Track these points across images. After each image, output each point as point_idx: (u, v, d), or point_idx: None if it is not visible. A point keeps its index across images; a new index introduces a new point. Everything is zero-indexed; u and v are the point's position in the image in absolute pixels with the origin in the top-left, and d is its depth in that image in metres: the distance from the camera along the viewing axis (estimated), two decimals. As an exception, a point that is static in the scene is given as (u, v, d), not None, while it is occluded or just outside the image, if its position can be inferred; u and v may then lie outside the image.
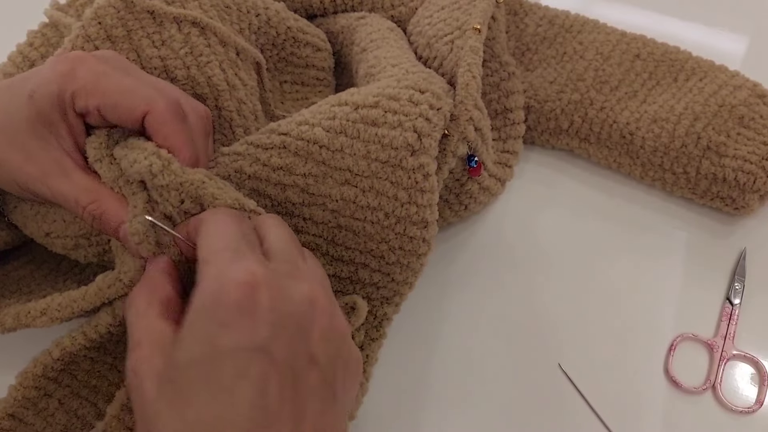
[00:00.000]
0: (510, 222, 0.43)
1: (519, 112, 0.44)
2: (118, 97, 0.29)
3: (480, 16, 0.40)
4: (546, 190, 0.45)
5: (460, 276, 0.40)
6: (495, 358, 0.37)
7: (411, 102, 0.33)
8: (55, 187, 0.30)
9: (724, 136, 0.41)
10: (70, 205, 0.30)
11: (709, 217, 0.43)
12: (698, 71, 0.44)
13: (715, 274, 0.41)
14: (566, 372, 0.36)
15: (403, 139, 0.32)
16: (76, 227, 0.33)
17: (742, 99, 0.42)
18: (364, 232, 0.34)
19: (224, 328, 0.23)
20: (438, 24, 0.42)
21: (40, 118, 0.29)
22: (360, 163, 0.33)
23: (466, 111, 0.36)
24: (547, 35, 0.47)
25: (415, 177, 0.33)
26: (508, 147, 0.44)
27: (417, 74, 0.36)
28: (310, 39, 0.44)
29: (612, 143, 0.43)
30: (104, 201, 0.30)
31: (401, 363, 0.37)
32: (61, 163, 0.30)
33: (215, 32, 0.36)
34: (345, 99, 0.34)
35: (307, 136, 0.33)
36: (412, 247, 0.34)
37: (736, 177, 0.40)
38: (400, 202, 0.33)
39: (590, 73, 0.44)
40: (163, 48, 0.35)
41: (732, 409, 0.35)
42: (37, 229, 0.34)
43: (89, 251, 0.34)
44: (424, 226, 0.34)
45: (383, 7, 0.46)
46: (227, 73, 0.36)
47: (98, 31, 0.34)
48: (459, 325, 0.38)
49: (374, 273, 0.35)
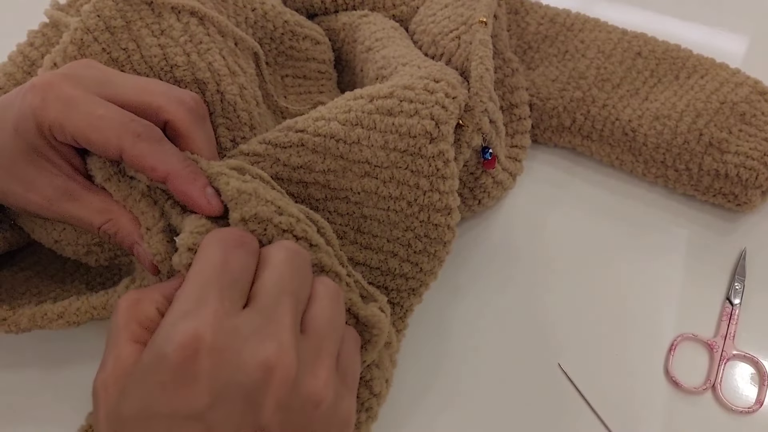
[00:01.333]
0: (511, 220, 0.43)
1: (524, 107, 0.44)
2: (90, 133, 0.28)
3: (485, 10, 0.40)
4: (548, 188, 0.44)
5: (460, 275, 0.40)
6: (494, 357, 0.37)
7: (426, 91, 0.33)
8: (66, 212, 0.29)
9: (726, 132, 0.41)
10: (85, 226, 0.30)
11: (711, 215, 0.43)
12: (699, 69, 0.44)
13: (715, 273, 0.40)
14: (566, 372, 0.36)
15: (421, 126, 0.32)
16: (88, 237, 0.33)
17: (743, 96, 0.42)
18: (389, 221, 0.34)
19: (162, 391, 0.22)
20: (442, 21, 0.42)
21: (31, 149, 0.29)
22: (378, 154, 0.32)
23: (480, 102, 0.36)
24: (548, 34, 0.47)
25: (435, 164, 0.32)
26: (516, 142, 0.44)
27: (430, 67, 0.36)
28: (308, 32, 0.44)
29: (614, 141, 0.43)
30: (118, 220, 0.29)
31: (402, 360, 0.36)
32: (66, 189, 0.29)
33: (213, 22, 0.36)
34: (360, 93, 0.34)
35: (323, 132, 0.33)
36: (438, 235, 0.34)
37: (738, 173, 0.40)
38: (422, 190, 0.33)
39: (592, 71, 0.44)
40: (163, 37, 0.35)
41: (732, 409, 0.35)
42: (45, 236, 0.34)
43: (101, 256, 0.34)
44: (448, 212, 0.33)
45: (384, 6, 0.46)
46: (227, 60, 0.36)
47: (97, 22, 0.34)
48: (458, 324, 0.38)
49: (403, 263, 0.35)
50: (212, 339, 0.22)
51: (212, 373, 0.22)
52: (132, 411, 0.22)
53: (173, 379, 0.22)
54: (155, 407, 0.22)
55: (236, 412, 0.22)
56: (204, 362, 0.22)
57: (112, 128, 0.28)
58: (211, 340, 0.22)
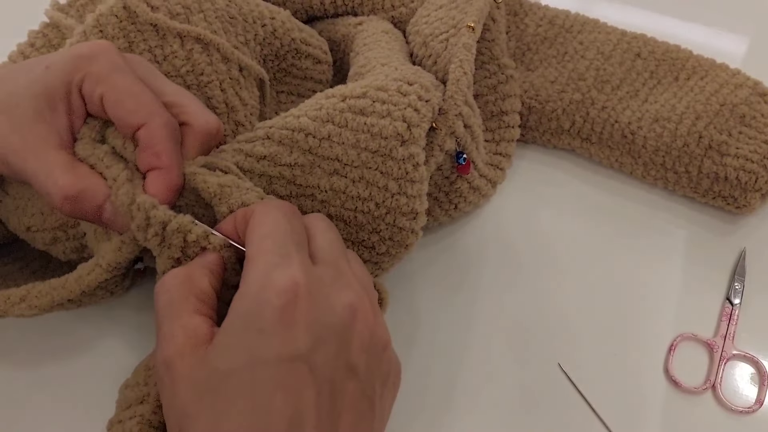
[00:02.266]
0: (510, 221, 0.43)
1: (514, 115, 0.43)
2: (124, 96, 0.28)
3: (475, 15, 0.39)
4: (546, 188, 0.44)
5: (459, 274, 0.40)
6: (494, 358, 0.37)
7: (399, 93, 0.33)
8: (27, 162, 0.28)
9: (726, 135, 0.40)
10: (39, 180, 0.28)
11: (710, 216, 0.42)
12: (699, 70, 0.43)
13: (715, 274, 0.40)
14: (566, 372, 0.36)
15: (392, 128, 0.32)
16: (53, 219, 0.32)
17: (743, 98, 0.41)
18: (356, 222, 0.33)
19: (264, 336, 0.23)
20: (435, 23, 0.41)
21: (47, 90, 0.28)
22: (349, 152, 0.32)
23: (455, 106, 0.35)
24: (547, 35, 0.46)
25: (405, 167, 0.32)
26: (501, 149, 0.43)
27: (405, 69, 0.36)
28: (311, 51, 0.43)
29: (614, 143, 0.43)
30: (85, 177, 0.28)
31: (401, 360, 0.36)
32: (45, 139, 0.28)
33: (218, 48, 0.36)
34: (332, 92, 0.34)
35: (292, 126, 0.32)
36: (401, 238, 0.33)
37: (738, 176, 0.40)
38: (390, 192, 0.32)
39: (591, 72, 0.44)
40: (165, 63, 0.34)
41: (732, 409, 0.35)
42: (18, 223, 0.33)
43: (67, 245, 0.33)
44: (414, 217, 0.33)
45: (383, 8, 0.46)
46: (227, 94, 0.36)
47: (99, 39, 0.33)
48: (458, 325, 0.38)
49: (365, 263, 0.34)
50: (307, 284, 0.23)
51: (310, 315, 0.23)
52: (235, 363, 0.22)
53: (277, 323, 0.23)
54: (260, 353, 0.22)
55: (332, 352, 0.23)
56: (302, 305, 0.23)
57: (145, 105, 0.28)
58: (306, 286, 0.23)
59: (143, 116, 0.28)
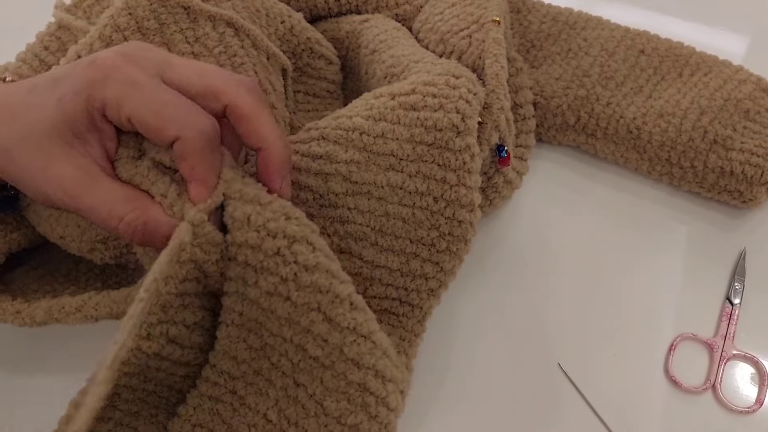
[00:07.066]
0: (513, 218, 0.41)
1: (529, 107, 0.42)
2: (150, 117, 0.26)
3: (496, 9, 0.39)
4: (551, 185, 0.43)
5: (461, 272, 0.38)
6: (494, 358, 0.36)
7: (448, 86, 0.32)
8: (81, 199, 0.27)
9: (731, 129, 0.39)
10: (101, 216, 0.27)
11: (714, 211, 0.41)
12: (703, 66, 0.42)
13: (715, 273, 0.39)
14: (566, 372, 0.35)
15: (447, 120, 0.31)
16: (92, 233, 0.31)
17: (747, 93, 0.40)
18: (414, 219, 0.32)
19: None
20: (451, 20, 0.40)
21: (68, 123, 0.26)
22: (404, 146, 0.31)
23: (497, 100, 0.34)
24: (551, 32, 0.45)
25: (462, 157, 0.31)
26: (521, 141, 0.42)
27: (445, 64, 0.34)
28: (324, 51, 0.42)
29: (619, 138, 0.42)
30: (147, 209, 0.27)
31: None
32: (89, 170, 0.27)
33: (248, 34, 0.34)
34: (379, 92, 0.32)
35: (345, 126, 0.31)
36: (461, 232, 0.32)
37: (744, 170, 0.39)
38: (449, 184, 0.31)
39: (595, 69, 0.43)
40: (197, 45, 0.33)
41: (732, 409, 0.34)
42: (50, 230, 0.32)
43: (105, 254, 0.32)
44: (472, 209, 0.32)
45: (387, 5, 0.44)
46: (260, 76, 0.34)
47: (128, 21, 0.31)
48: (458, 324, 0.37)
49: (425, 263, 0.33)
50: None
51: None
52: None
53: None
54: None
55: None
56: None
57: (172, 119, 0.26)
58: None
59: (174, 131, 0.26)
